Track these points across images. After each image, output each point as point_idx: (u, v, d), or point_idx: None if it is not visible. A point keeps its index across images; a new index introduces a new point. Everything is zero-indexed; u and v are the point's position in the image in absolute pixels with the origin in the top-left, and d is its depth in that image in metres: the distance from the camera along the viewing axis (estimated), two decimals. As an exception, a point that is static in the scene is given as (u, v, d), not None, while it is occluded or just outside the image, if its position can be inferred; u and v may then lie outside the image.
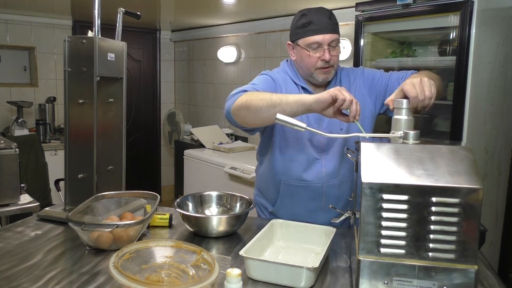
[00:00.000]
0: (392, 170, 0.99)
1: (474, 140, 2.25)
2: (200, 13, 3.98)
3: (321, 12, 1.50)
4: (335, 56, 1.52)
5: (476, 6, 2.09)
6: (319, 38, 1.48)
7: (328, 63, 1.51)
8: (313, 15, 1.48)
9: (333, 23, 1.50)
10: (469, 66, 2.14)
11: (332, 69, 1.54)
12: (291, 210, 1.59)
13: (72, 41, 1.54)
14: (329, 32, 1.48)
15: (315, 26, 1.47)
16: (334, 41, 1.50)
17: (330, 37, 1.48)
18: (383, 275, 0.99)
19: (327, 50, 1.49)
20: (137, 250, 1.06)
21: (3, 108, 4.24)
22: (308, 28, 1.48)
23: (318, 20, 1.47)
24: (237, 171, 3.19)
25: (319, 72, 1.53)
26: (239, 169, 3.19)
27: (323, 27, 1.47)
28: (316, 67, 1.52)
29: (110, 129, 1.68)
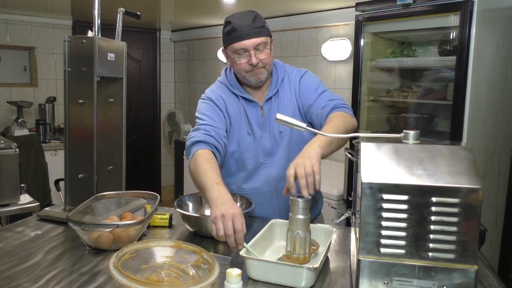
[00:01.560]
0: (392, 170, 0.99)
1: (474, 140, 2.25)
2: (200, 13, 3.98)
3: (244, 17, 1.48)
4: (265, 58, 1.51)
5: (476, 6, 2.09)
6: (243, 44, 1.47)
7: (257, 66, 1.50)
8: (236, 21, 1.48)
9: (256, 27, 1.48)
10: (469, 66, 2.14)
11: (264, 70, 1.53)
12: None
13: (72, 41, 1.54)
14: (252, 36, 1.47)
15: (238, 33, 1.47)
16: (260, 45, 1.48)
17: (254, 41, 1.47)
18: (383, 275, 0.99)
19: (253, 55, 1.48)
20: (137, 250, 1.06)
21: (3, 108, 4.24)
22: (232, 35, 1.48)
23: (240, 26, 1.47)
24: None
25: (250, 75, 1.54)
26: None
27: (246, 32, 1.46)
28: (246, 71, 1.53)
29: (110, 129, 1.68)
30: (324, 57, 3.51)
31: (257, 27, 1.48)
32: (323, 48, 3.49)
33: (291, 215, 1.15)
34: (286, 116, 1.27)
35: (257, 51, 1.49)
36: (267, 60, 1.52)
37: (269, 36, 1.53)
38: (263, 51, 1.50)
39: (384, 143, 1.06)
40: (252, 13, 1.51)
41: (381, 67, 2.79)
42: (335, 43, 3.40)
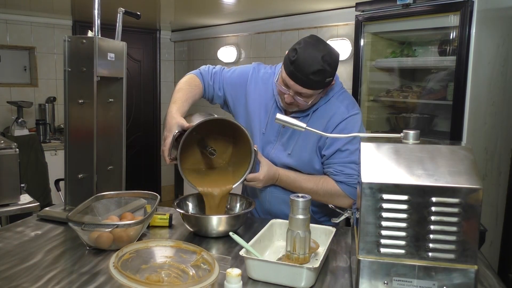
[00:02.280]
0: (392, 170, 0.99)
1: (474, 140, 2.25)
2: (200, 13, 3.98)
3: (310, 62, 1.34)
4: (300, 104, 1.43)
5: (476, 6, 2.09)
6: (289, 81, 1.38)
7: (288, 103, 1.45)
8: (300, 57, 1.34)
9: (314, 80, 1.35)
10: (469, 66, 2.14)
11: (295, 107, 1.48)
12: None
13: (72, 41, 1.54)
14: (302, 85, 1.37)
15: (294, 71, 1.35)
16: (304, 94, 1.39)
17: (299, 89, 1.38)
18: (383, 275, 0.99)
19: (290, 96, 1.41)
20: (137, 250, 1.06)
21: (3, 108, 4.24)
22: (289, 67, 1.37)
23: (299, 67, 1.34)
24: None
25: (281, 100, 1.51)
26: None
27: (300, 77, 1.35)
28: (280, 96, 1.50)
29: (110, 129, 1.68)
30: (324, 57, 3.51)
31: (313, 80, 1.35)
32: (323, 48, 3.48)
33: (291, 215, 1.15)
34: (285, 116, 1.28)
35: (297, 95, 1.41)
36: (302, 105, 1.45)
37: (324, 87, 1.42)
38: (302, 98, 1.42)
39: (384, 143, 1.06)
40: (321, 63, 1.34)
41: (381, 67, 2.80)
42: (335, 43, 3.40)
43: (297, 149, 1.53)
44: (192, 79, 1.66)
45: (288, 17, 3.81)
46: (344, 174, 1.48)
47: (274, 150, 1.57)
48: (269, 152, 1.58)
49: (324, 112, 1.50)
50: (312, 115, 1.51)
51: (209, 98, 1.73)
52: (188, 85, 1.63)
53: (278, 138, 1.57)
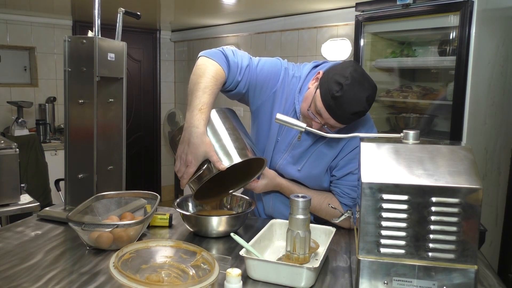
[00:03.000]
0: (392, 170, 0.99)
1: (474, 140, 2.25)
2: (200, 13, 3.98)
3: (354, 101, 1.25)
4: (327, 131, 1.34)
5: (476, 6, 2.09)
6: (325, 114, 1.29)
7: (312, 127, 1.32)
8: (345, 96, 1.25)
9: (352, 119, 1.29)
10: (469, 66, 2.14)
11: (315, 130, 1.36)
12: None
13: (72, 41, 1.54)
14: (339, 121, 1.30)
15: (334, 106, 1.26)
16: (334, 126, 1.34)
17: (334, 123, 1.31)
18: (383, 275, 0.99)
19: (320, 124, 1.33)
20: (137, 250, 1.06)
21: (3, 108, 4.25)
22: (329, 100, 1.26)
23: (342, 107, 1.25)
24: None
25: (303, 119, 1.41)
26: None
27: (338, 114, 1.27)
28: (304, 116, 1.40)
29: (110, 129, 1.68)
30: (324, 57, 3.51)
31: (351, 119, 1.30)
32: (323, 48, 3.49)
33: (291, 215, 1.15)
34: (285, 116, 1.28)
35: (326, 125, 1.34)
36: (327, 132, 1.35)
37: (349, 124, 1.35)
38: (332, 127, 1.36)
39: (384, 143, 1.06)
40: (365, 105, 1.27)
41: (381, 67, 2.80)
42: (335, 43, 3.40)
43: (307, 165, 1.47)
44: (218, 72, 1.37)
45: (288, 17, 3.81)
46: (350, 197, 1.46)
47: (282, 161, 1.51)
48: (277, 161, 1.52)
49: (345, 130, 1.42)
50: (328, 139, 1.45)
51: (226, 92, 1.50)
52: (215, 81, 1.35)
53: (289, 149, 1.49)
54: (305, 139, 1.47)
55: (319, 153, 1.46)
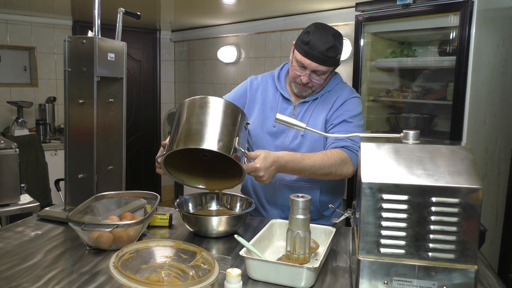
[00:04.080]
0: (392, 170, 0.99)
1: (474, 140, 2.25)
2: (200, 13, 3.98)
3: (322, 39, 1.47)
4: (315, 82, 1.54)
5: (476, 6, 2.09)
6: (305, 61, 1.49)
7: (305, 84, 1.54)
8: (314, 38, 1.47)
9: (328, 56, 1.48)
10: (469, 66, 2.14)
11: (309, 89, 1.57)
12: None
13: (72, 41, 1.54)
14: (318, 62, 1.48)
15: (309, 50, 1.47)
16: (319, 71, 1.51)
17: (315, 66, 1.49)
18: (383, 275, 0.99)
19: (307, 75, 1.52)
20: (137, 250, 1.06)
21: (3, 108, 4.24)
22: (304, 47, 1.49)
23: (314, 46, 1.47)
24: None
25: (295, 85, 1.59)
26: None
27: (315, 55, 1.47)
28: (295, 81, 1.57)
29: (110, 129, 1.68)
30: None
31: (328, 57, 1.48)
32: (323, 48, 3.48)
33: (291, 215, 1.15)
34: (285, 116, 1.28)
35: (313, 73, 1.52)
36: (317, 84, 1.55)
37: (334, 66, 1.54)
38: (318, 76, 1.53)
39: (384, 143, 1.06)
40: (334, 40, 1.49)
41: (381, 67, 2.79)
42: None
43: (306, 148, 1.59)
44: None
45: (288, 17, 3.81)
46: (349, 139, 1.52)
47: (288, 138, 1.61)
48: (283, 140, 1.61)
49: (330, 97, 1.62)
50: (320, 99, 1.62)
51: None
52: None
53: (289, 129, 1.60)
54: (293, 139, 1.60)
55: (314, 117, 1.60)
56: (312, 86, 1.56)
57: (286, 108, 1.63)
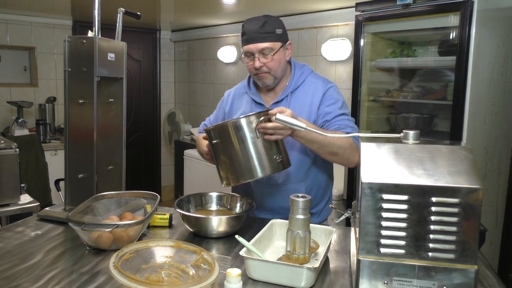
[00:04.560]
0: (392, 170, 0.99)
1: (474, 140, 2.25)
2: (200, 13, 3.98)
3: (255, 21, 1.52)
4: (268, 63, 1.53)
5: (476, 6, 2.09)
6: (248, 48, 1.53)
7: (260, 69, 1.54)
8: (247, 25, 1.53)
9: (265, 32, 1.50)
10: (469, 66, 2.14)
11: (268, 75, 1.56)
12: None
13: (72, 41, 1.54)
14: (258, 41, 1.50)
15: (246, 36, 1.53)
16: (265, 49, 1.51)
17: (257, 45, 1.51)
18: (383, 275, 0.99)
19: (257, 59, 1.52)
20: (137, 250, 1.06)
21: (3, 108, 4.24)
22: (243, 38, 1.55)
23: (249, 30, 1.52)
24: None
25: (256, 78, 1.60)
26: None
27: (252, 37, 1.51)
28: (253, 73, 1.59)
29: (110, 129, 1.68)
30: (324, 57, 3.51)
31: (264, 32, 1.50)
32: (323, 48, 3.49)
33: (291, 215, 1.15)
34: (285, 116, 1.28)
35: (262, 55, 1.52)
36: (272, 65, 1.54)
37: (281, 41, 1.54)
38: (267, 55, 1.52)
39: (384, 143, 1.06)
40: (264, 18, 1.53)
41: (381, 67, 2.79)
42: (335, 43, 3.40)
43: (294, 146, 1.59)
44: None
45: (288, 17, 3.81)
46: (349, 126, 1.53)
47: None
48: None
49: (303, 92, 1.61)
50: (291, 98, 1.60)
51: None
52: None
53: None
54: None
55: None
56: (268, 69, 1.54)
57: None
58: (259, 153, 1.33)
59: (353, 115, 2.73)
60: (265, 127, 1.32)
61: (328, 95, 1.59)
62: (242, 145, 1.33)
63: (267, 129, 1.32)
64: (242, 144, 1.33)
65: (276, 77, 1.58)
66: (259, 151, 1.33)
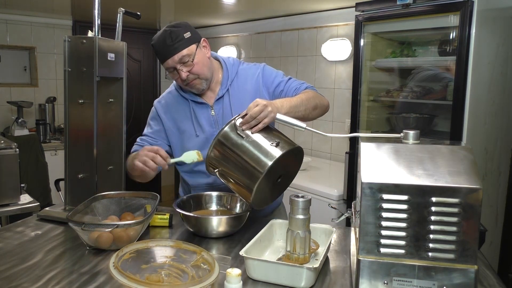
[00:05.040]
0: (392, 170, 0.99)
1: (474, 140, 2.25)
2: (200, 13, 3.98)
3: (159, 37, 1.49)
4: (194, 68, 1.51)
5: (476, 6, 2.09)
6: (167, 64, 1.51)
7: (188, 78, 1.52)
8: (155, 43, 1.50)
9: (173, 42, 1.47)
10: (469, 66, 2.14)
11: (199, 80, 1.54)
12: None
13: (72, 41, 1.54)
14: (171, 54, 1.48)
15: (160, 55, 1.51)
16: (184, 57, 1.49)
17: (173, 59, 1.49)
18: (383, 275, 0.99)
19: (180, 71, 1.50)
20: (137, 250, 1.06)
21: (3, 108, 4.24)
22: (158, 57, 1.53)
23: (158, 47, 1.50)
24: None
25: (189, 87, 1.57)
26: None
27: (164, 52, 1.49)
28: (184, 85, 1.56)
29: (110, 129, 1.68)
30: (324, 57, 3.51)
31: (172, 45, 1.48)
32: (323, 48, 3.49)
33: (291, 215, 1.15)
34: (285, 116, 1.28)
35: (183, 65, 1.50)
36: (197, 69, 1.52)
37: (194, 43, 1.52)
38: (187, 63, 1.50)
39: (384, 143, 1.06)
40: (167, 29, 1.49)
41: (381, 67, 2.79)
42: (335, 43, 3.40)
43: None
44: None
45: (288, 17, 3.81)
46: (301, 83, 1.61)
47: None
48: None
49: (240, 82, 1.63)
50: (230, 92, 1.61)
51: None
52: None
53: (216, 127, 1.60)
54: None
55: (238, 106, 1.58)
56: (195, 75, 1.53)
57: (205, 112, 1.61)
58: (257, 148, 1.27)
59: (353, 115, 2.74)
60: (246, 121, 1.29)
61: (266, 73, 1.64)
62: (240, 151, 1.28)
63: (248, 122, 1.28)
64: (238, 150, 1.28)
65: (206, 78, 1.57)
66: (255, 148, 1.28)
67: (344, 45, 3.32)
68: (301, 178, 2.88)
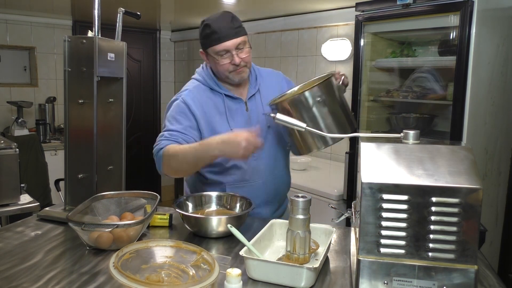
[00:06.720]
0: (392, 170, 0.99)
1: (474, 140, 2.25)
2: (200, 13, 3.98)
3: (222, 19, 1.52)
4: (246, 57, 1.56)
5: (476, 6, 2.09)
6: (225, 45, 1.51)
7: (239, 65, 1.55)
8: (215, 23, 1.51)
9: (235, 27, 1.52)
10: (469, 66, 2.14)
11: (246, 69, 1.59)
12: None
13: (72, 41, 1.54)
14: (233, 37, 1.51)
15: (218, 35, 1.50)
16: (240, 44, 1.53)
17: (235, 41, 1.51)
18: (383, 275, 0.99)
19: (235, 55, 1.53)
20: (137, 250, 1.06)
21: (3, 108, 4.24)
22: (212, 37, 1.51)
23: (220, 28, 1.50)
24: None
25: (233, 74, 1.58)
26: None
27: (226, 34, 1.50)
28: (229, 71, 1.56)
29: (110, 129, 1.68)
30: (324, 57, 3.51)
31: (236, 27, 1.52)
32: (323, 48, 3.49)
33: (291, 215, 1.15)
34: (285, 116, 1.28)
35: (238, 51, 1.54)
36: (248, 58, 1.57)
37: (246, 34, 1.58)
38: (243, 50, 1.54)
39: (384, 143, 1.06)
40: (229, 14, 1.54)
41: (381, 67, 2.79)
42: (335, 43, 3.40)
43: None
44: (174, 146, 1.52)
45: (288, 17, 3.81)
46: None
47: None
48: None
49: (265, 79, 1.72)
50: (261, 90, 1.68)
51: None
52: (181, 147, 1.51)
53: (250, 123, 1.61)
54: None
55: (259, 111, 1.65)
56: (245, 63, 1.57)
57: (239, 108, 1.62)
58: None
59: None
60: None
61: (287, 79, 1.79)
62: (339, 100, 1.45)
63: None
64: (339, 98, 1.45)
65: (250, 69, 1.63)
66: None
67: (344, 45, 3.32)
68: (301, 178, 2.88)
